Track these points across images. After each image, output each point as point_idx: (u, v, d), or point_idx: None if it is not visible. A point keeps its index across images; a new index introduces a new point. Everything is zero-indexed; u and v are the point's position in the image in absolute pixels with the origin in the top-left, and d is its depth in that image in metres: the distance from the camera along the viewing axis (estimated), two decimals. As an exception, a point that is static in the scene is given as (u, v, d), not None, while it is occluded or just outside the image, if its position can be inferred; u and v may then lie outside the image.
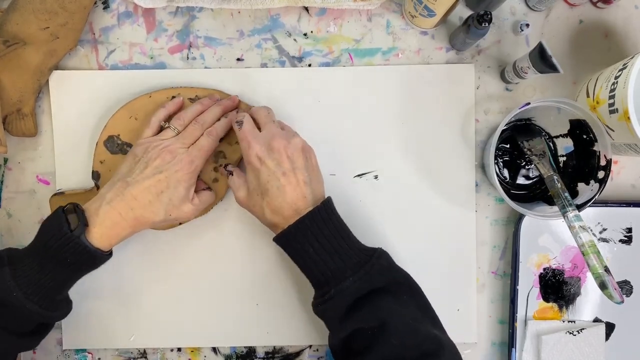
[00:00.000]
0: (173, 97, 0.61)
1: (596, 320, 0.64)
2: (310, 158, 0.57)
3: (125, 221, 0.54)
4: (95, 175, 0.63)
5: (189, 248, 0.64)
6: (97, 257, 0.53)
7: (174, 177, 0.55)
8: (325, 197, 0.56)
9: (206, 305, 0.65)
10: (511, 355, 0.63)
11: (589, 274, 0.63)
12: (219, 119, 0.60)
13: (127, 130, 0.62)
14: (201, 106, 0.60)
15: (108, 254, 0.55)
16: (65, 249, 0.51)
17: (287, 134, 0.56)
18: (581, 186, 0.61)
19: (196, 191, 0.59)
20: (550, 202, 0.62)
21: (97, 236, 0.53)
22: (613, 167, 0.65)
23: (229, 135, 0.61)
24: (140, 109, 0.61)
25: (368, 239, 0.64)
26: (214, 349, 0.66)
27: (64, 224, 0.51)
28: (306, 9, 0.64)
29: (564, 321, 0.64)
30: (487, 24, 0.55)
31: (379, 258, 0.54)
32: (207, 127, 0.58)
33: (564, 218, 0.56)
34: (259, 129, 0.58)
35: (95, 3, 0.63)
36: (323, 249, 0.53)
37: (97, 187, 0.63)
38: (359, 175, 0.65)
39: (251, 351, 0.66)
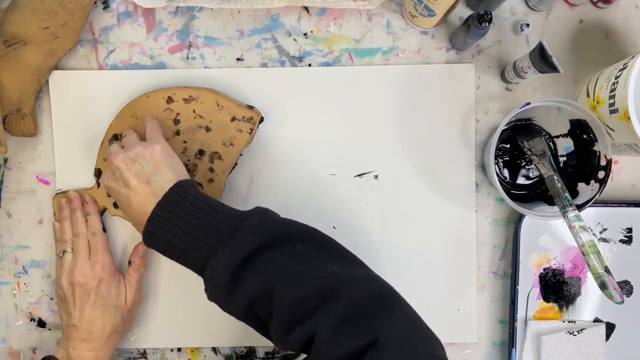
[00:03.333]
0: (169, 97, 0.61)
1: (596, 320, 0.64)
2: (151, 157, 0.53)
3: (101, 351, 0.59)
4: (97, 173, 0.63)
5: (189, 248, 0.64)
6: None
7: (102, 290, 0.59)
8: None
9: (206, 306, 0.64)
10: (511, 356, 0.63)
11: (589, 274, 0.63)
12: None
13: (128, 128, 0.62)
14: (68, 220, 0.62)
15: None
16: None
17: (130, 147, 0.55)
18: (581, 186, 0.61)
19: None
20: (550, 202, 0.62)
21: None
22: (613, 167, 0.65)
23: (223, 136, 0.61)
24: (139, 108, 0.62)
25: (368, 239, 0.64)
26: (214, 349, 0.66)
27: None
28: (306, 8, 0.64)
29: (564, 321, 0.64)
30: (487, 24, 0.55)
31: (250, 218, 0.49)
32: (84, 232, 0.61)
33: (564, 218, 0.56)
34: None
35: (95, 3, 0.63)
36: (188, 234, 0.49)
37: (98, 184, 0.63)
38: (359, 175, 0.65)
39: (251, 351, 0.66)
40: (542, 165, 0.61)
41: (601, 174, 0.58)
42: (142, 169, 0.53)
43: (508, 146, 0.65)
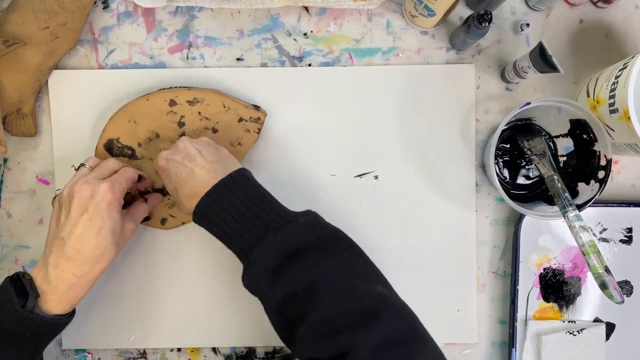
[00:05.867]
0: (171, 99, 0.61)
1: (596, 320, 0.64)
2: (219, 150, 0.55)
3: (82, 278, 0.52)
4: None
5: (188, 248, 0.64)
6: (58, 324, 0.52)
7: (102, 207, 0.52)
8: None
9: (206, 306, 0.65)
10: (511, 355, 0.63)
11: (589, 274, 0.63)
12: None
13: (126, 134, 0.61)
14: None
15: (69, 315, 0.54)
16: (20, 325, 0.49)
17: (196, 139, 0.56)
18: (581, 186, 0.61)
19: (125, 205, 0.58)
20: (550, 202, 0.62)
21: (54, 303, 0.51)
22: (613, 167, 0.65)
23: (230, 136, 0.61)
24: (138, 111, 0.61)
25: (368, 239, 0.64)
26: (214, 349, 0.66)
27: (14, 300, 0.49)
28: (306, 8, 0.64)
29: (564, 321, 0.64)
30: (487, 24, 0.55)
31: (306, 215, 0.50)
32: (113, 165, 0.57)
33: (565, 218, 0.56)
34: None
35: (95, 3, 0.63)
36: (242, 215, 0.49)
37: None
38: (359, 175, 0.65)
39: (251, 351, 0.66)
40: (542, 165, 0.61)
41: (601, 174, 0.58)
42: (213, 153, 0.54)
43: (508, 146, 0.65)
